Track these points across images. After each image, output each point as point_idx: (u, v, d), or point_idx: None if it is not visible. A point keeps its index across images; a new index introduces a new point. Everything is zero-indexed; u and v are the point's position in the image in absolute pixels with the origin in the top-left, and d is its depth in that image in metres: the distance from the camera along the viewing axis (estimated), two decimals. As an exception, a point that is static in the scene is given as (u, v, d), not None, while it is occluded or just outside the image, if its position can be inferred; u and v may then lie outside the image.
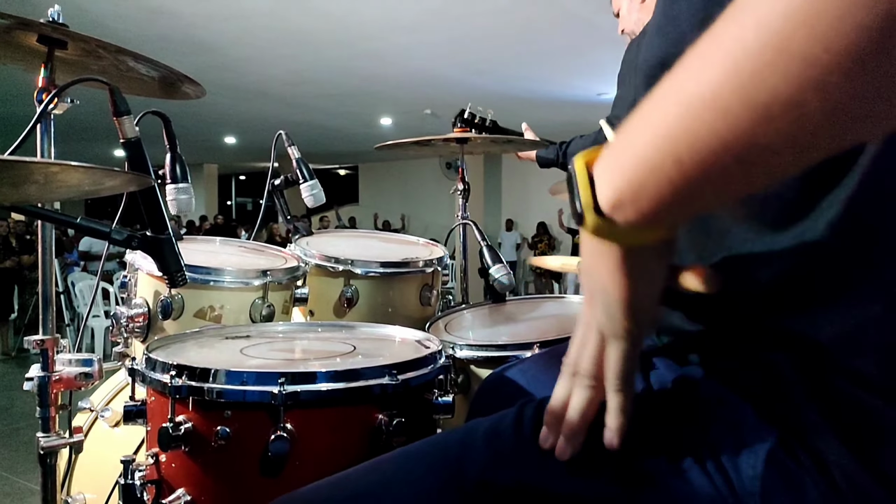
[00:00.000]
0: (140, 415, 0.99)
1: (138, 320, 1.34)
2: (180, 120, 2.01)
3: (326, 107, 8.91)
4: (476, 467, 0.61)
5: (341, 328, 1.31)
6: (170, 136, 1.26)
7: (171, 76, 1.30)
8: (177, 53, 6.02)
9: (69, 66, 1.21)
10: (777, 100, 0.35)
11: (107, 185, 0.92)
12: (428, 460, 0.64)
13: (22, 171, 0.74)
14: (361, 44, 6.10)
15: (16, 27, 1.08)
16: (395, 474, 0.64)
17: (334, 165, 16.74)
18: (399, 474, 0.64)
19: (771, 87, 0.35)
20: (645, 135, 0.43)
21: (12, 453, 3.76)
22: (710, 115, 0.38)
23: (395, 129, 10.45)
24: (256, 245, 1.71)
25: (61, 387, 1.12)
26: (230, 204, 20.23)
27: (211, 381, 0.89)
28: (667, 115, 0.41)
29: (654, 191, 0.43)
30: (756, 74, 0.36)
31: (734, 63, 0.36)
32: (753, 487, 0.53)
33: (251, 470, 0.88)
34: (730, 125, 0.37)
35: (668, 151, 0.41)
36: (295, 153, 1.68)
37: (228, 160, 15.33)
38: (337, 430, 0.91)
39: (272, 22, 5.57)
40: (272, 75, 7.29)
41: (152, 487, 0.93)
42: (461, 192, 1.89)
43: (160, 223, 1.04)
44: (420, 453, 0.66)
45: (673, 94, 0.41)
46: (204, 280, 1.34)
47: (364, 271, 1.53)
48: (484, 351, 1.32)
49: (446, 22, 5.45)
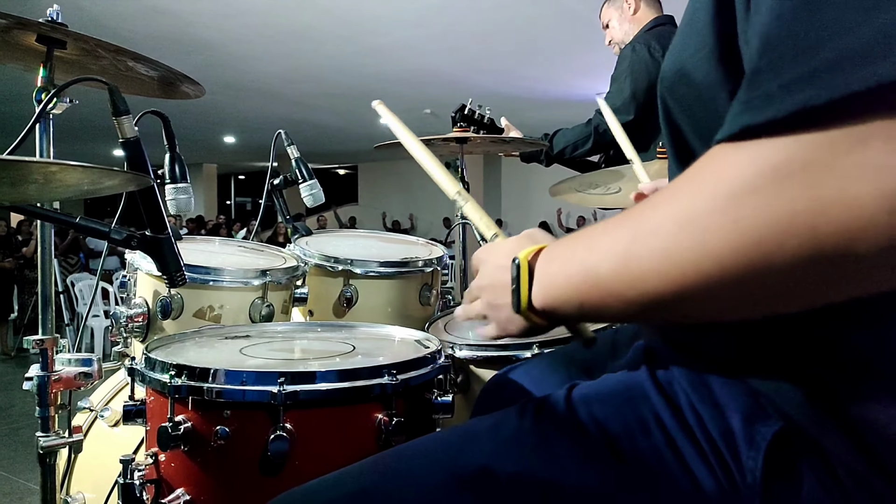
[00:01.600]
0: (139, 414, 0.99)
1: (138, 320, 1.34)
2: (179, 119, 1.99)
3: (326, 106, 8.91)
4: (478, 457, 0.61)
5: (341, 328, 1.31)
6: (169, 136, 1.26)
7: (171, 76, 1.30)
8: (176, 52, 6.02)
9: (68, 66, 1.21)
10: (663, 289, 0.46)
11: (106, 184, 0.92)
12: (429, 455, 0.64)
13: (21, 170, 0.74)
14: (361, 40, 6.10)
15: (15, 27, 1.07)
16: (397, 469, 0.64)
17: (333, 165, 16.74)
18: (400, 469, 0.64)
19: (652, 285, 0.47)
20: (578, 267, 0.54)
21: (12, 453, 3.76)
22: (614, 282, 0.50)
23: (394, 129, 10.44)
24: (256, 245, 1.71)
25: (61, 386, 1.12)
26: (229, 203, 20.21)
27: (210, 380, 0.89)
28: (597, 265, 0.52)
29: (576, 311, 0.56)
30: (641, 267, 0.48)
31: (629, 253, 0.49)
32: (754, 479, 0.53)
33: (250, 470, 0.88)
34: (625, 292, 0.49)
35: (593, 287, 0.52)
36: (294, 152, 1.68)
37: (228, 160, 15.33)
38: (336, 430, 0.91)
39: (271, 19, 5.57)
40: (272, 73, 7.29)
41: (151, 487, 0.93)
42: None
43: (159, 223, 1.04)
44: (421, 448, 0.66)
45: (594, 253, 0.53)
46: (203, 280, 1.34)
47: (363, 271, 1.53)
48: (483, 351, 1.31)
49: (447, 19, 5.45)
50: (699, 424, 0.56)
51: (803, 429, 0.52)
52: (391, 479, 0.63)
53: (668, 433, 0.57)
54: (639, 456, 0.57)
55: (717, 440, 0.54)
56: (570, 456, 0.59)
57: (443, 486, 0.60)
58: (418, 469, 0.63)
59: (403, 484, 0.62)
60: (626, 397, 0.61)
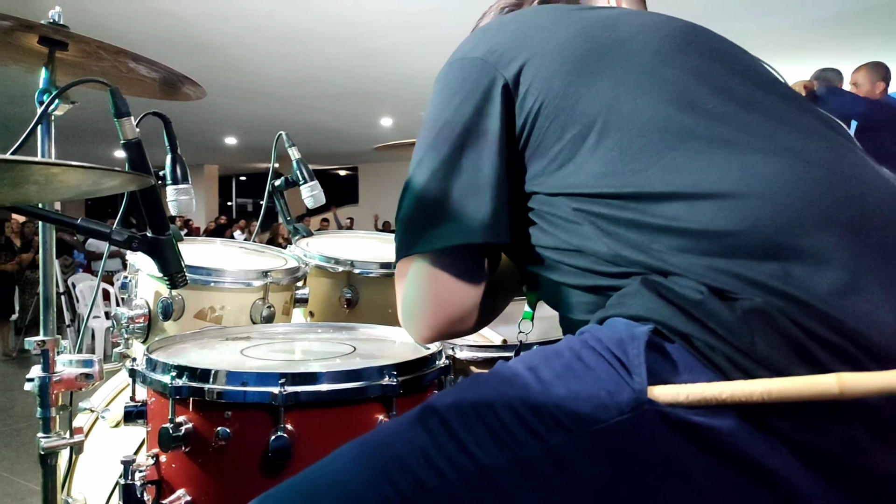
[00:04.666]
0: (140, 415, 0.99)
1: (139, 321, 1.34)
2: (181, 121, 1.99)
3: (327, 107, 8.92)
4: (425, 404, 0.68)
5: (341, 329, 1.31)
6: (170, 137, 1.26)
7: (172, 77, 1.30)
8: (177, 54, 6.03)
9: (70, 68, 1.21)
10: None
11: (107, 185, 0.92)
12: (391, 423, 0.71)
13: (22, 171, 0.74)
14: (362, 42, 6.11)
15: (17, 28, 1.08)
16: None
17: (334, 166, 16.75)
18: (367, 437, 0.70)
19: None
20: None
21: (13, 454, 3.76)
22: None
23: (395, 130, 10.45)
24: (257, 246, 1.71)
25: (62, 387, 1.12)
26: (230, 205, 20.23)
27: (211, 381, 0.89)
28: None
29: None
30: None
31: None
32: (640, 361, 0.59)
33: (251, 470, 0.88)
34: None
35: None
36: (295, 154, 1.68)
37: (229, 161, 15.35)
38: (337, 431, 0.91)
39: (273, 21, 5.58)
40: (273, 75, 7.30)
41: (152, 488, 0.93)
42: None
43: (161, 224, 1.04)
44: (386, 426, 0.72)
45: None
46: (204, 281, 1.34)
47: (364, 272, 1.53)
48: (484, 351, 1.32)
49: (447, 20, 5.45)
50: (598, 342, 0.63)
51: (668, 323, 0.60)
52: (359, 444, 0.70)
53: (575, 352, 0.64)
54: (553, 372, 0.63)
55: (611, 346, 0.62)
56: (499, 383, 0.65)
57: (396, 429, 0.67)
58: (380, 436, 0.69)
59: (366, 441, 0.69)
60: (551, 346, 0.68)
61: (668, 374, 0.59)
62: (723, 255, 0.61)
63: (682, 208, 0.64)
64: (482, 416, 0.63)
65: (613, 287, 0.68)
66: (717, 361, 0.58)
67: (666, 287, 0.62)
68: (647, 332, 0.60)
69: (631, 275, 0.66)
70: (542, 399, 0.61)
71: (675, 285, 0.62)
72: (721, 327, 0.58)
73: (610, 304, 0.67)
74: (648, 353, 0.59)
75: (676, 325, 0.60)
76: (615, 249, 0.67)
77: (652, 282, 0.63)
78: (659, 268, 0.64)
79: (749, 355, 0.57)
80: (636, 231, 0.66)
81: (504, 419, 0.61)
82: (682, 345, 0.60)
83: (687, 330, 0.59)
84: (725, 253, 0.61)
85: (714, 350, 0.58)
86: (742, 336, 0.57)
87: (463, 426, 0.62)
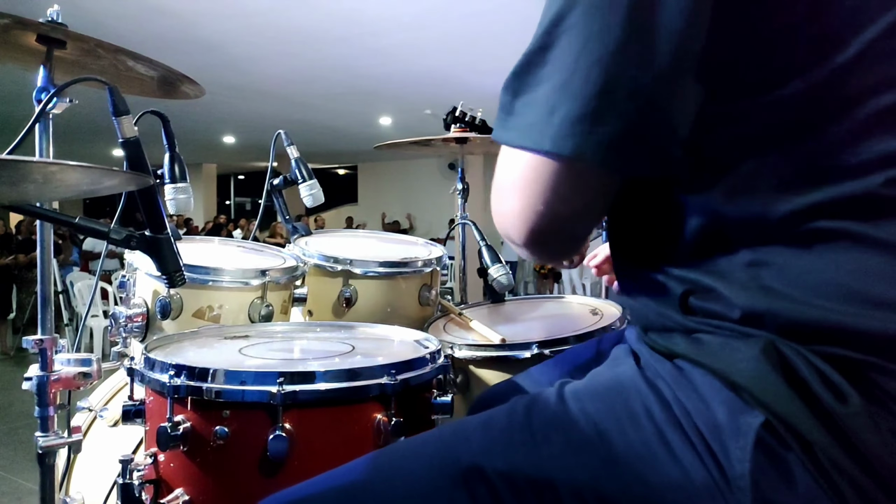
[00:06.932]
0: (138, 414, 0.98)
1: (137, 320, 1.34)
2: (179, 119, 2.00)
3: (326, 106, 8.91)
4: (468, 454, 0.61)
5: (340, 328, 1.31)
6: (168, 136, 1.26)
7: (170, 76, 1.30)
8: (176, 52, 6.02)
9: (68, 66, 1.21)
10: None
11: (105, 184, 0.92)
12: (420, 452, 0.65)
13: (20, 170, 0.74)
14: (362, 41, 6.10)
15: (15, 27, 1.07)
16: (388, 466, 0.65)
17: (333, 165, 16.74)
18: (391, 466, 0.65)
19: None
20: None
21: (11, 453, 3.76)
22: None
23: (394, 129, 10.44)
24: (255, 245, 1.71)
25: (60, 386, 1.12)
26: (229, 204, 20.21)
27: (209, 380, 0.89)
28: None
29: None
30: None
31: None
32: (743, 470, 0.51)
33: (250, 470, 0.88)
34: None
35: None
36: (294, 153, 1.68)
37: (227, 160, 15.32)
38: (336, 430, 0.91)
39: (272, 20, 5.56)
40: (272, 74, 7.29)
41: (150, 487, 0.93)
42: (460, 192, 1.89)
43: (159, 223, 1.04)
44: (413, 445, 0.67)
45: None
46: (203, 280, 1.34)
47: (363, 271, 1.53)
48: (483, 351, 1.32)
49: (447, 19, 5.45)
50: (686, 417, 0.55)
51: (788, 421, 0.50)
52: (382, 476, 0.63)
53: (657, 426, 0.56)
54: (630, 449, 0.56)
55: (705, 432, 0.53)
56: (561, 450, 0.59)
57: (433, 483, 0.61)
58: (409, 466, 0.63)
59: (393, 481, 0.62)
60: (617, 391, 0.61)
61: (777, 495, 0.48)
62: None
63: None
64: (541, 496, 0.56)
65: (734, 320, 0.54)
66: (844, 492, 0.46)
67: (797, 365, 0.48)
68: (758, 427, 0.49)
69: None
70: (613, 490, 0.55)
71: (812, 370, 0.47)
72: (864, 445, 0.45)
73: (708, 340, 0.55)
74: (755, 456, 0.49)
75: (800, 426, 0.48)
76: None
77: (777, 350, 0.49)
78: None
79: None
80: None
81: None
82: (801, 457, 0.48)
83: (814, 438, 0.47)
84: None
85: (843, 474, 0.46)
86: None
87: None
